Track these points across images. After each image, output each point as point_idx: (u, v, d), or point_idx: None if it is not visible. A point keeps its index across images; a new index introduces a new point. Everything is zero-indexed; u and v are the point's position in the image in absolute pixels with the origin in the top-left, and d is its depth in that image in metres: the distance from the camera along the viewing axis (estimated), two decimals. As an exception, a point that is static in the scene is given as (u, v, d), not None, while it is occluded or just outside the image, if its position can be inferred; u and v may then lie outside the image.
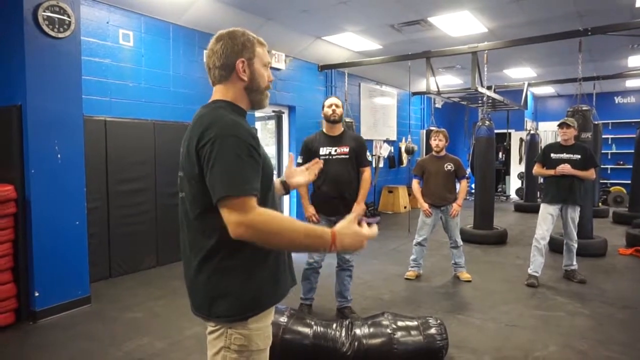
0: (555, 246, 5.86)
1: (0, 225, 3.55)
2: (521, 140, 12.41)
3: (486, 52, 6.89)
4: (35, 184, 3.69)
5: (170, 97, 5.66)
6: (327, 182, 3.58)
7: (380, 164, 10.26)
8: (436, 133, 4.97)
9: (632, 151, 8.80)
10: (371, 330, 2.91)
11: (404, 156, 11.03)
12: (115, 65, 5.07)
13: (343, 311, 3.79)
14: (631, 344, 3.33)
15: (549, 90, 13.19)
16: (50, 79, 3.76)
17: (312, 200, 3.67)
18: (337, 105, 3.65)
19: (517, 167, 12.80)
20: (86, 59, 4.55)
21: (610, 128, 12.76)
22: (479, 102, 9.20)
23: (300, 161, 3.68)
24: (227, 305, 1.39)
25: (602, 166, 11.60)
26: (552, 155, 4.77)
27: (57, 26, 3.74)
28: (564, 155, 4.69)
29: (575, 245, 4.82)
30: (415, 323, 2.97)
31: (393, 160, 10.85)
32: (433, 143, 4.96)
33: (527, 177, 10.47)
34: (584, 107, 6.13)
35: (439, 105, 13.08)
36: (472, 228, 7.06)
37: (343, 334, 2.89)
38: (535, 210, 5.13)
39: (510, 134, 11.95)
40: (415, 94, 11.43)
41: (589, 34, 5.85)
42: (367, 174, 3.72)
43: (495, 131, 7.39)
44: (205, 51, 1.55)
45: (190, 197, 1.40)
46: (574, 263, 4.89)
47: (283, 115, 7.92)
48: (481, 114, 8.01)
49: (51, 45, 3.74)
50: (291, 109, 7.89)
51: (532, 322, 3.76)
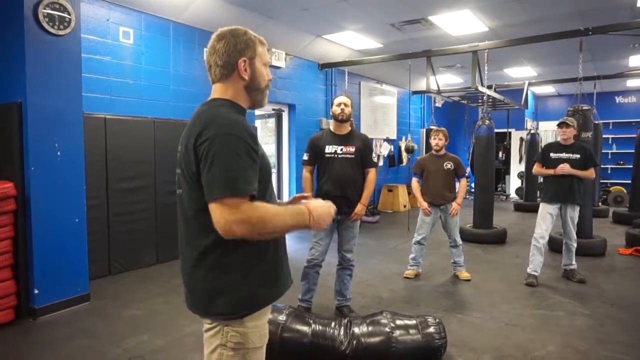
0: (554, 245, 5.87)
1: (0, 223, 3.55)
2: (521, 139, 12.41)
3: (487, 51, 6.89)
4: (35, 182, 3.69)
5: (170, 94, 5.66)
6: (330, 180, 3.58)
7: (380, 163, 10.27)
8: (436, 132, 4.97)
9: (633, 151, 8.79)
10: (370, 329, 2.91)
11: (404, 155, 11.04)
12: (116, 62, 5.07)
13: (342, 310, 3.79)
14: (631, 343, 3.33)
15: (549, 89, 13.18)
16: (51, 76, 3.76)
17: (315, 198, 3.64)
18: (345, 105, 3.64)
19: (517, 167, 12.81)
20: (86, 56, 4.55)
21: (610, 128, 12.76)
22: (479, 101, 9.21)
23: (306, 158, 3.68)
24: (224, 302, 1.39)
25: (602, 166, 11.61)
26: (551, 154, 4.77)
27: (57, 23, 3.74)
28: (564, 155, 4.69)
29: (575, 245, 4.83)
30: (413, 322, 2.97)
31: (393, 159, 10.85)
32: (433, 142, 4.96)
33: (527, 176, 10.47)
34: (585, 107, 6.12)
35: (439, 104, 13.08)
36: (471, 227, 7.06)
37: (342, 333, 2.90)
38: (535, 209, 5.13)
39: (510, 133, 11.95)
40: (415, 92, 11.42)
41: (590, 33, 5.85)
42: (372, 175, 3.70)
43: (496, 130, 7.39)
44: (205, 49, 1.54)
45: (188, 195, 1.40)
46: (574, 262, 4.89)
47: (283, 113, 7.92)
48: (481, 113, 8.01)
49: (51, 43, 3.74)
50: (291, 108, 7.89)
51: (532, 321, 3.76)
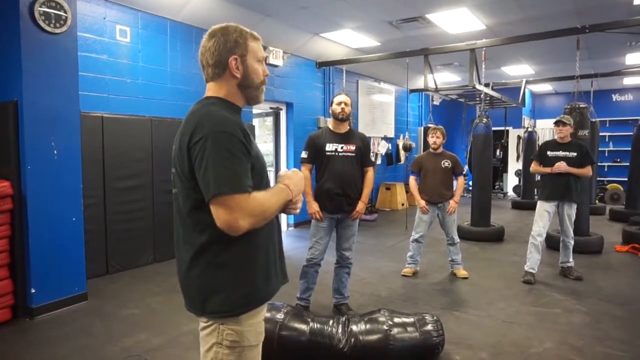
0: (551, 243, 5.89)
1: (-3, 222, 3.54)
2: (519, 137, 12.42)
3: (484, 49, 6.89)
4: (32, 180, 3.68)
5: (168, 93, 5.64)
6: (330, 178, 3.58)
7: (378, 161, 10.27)
8: (434, 130, 4.98)
9: (629, 149, 8.83)
10: (367, 326, 2.91)
11: (402, 153, 11.03)
12: (112, 61, 5.05)
13: (340, 308, 3.80)
14: (627, 340, 3.34)
15: (546, 87, 13.20)
16: (47, 75, 3.74)
17: (315, 197, 3.66)
18: (346, 104, 3.64)
19: (514, 165, 12.83)
20: (83, 54, 4.54)
21: (607, 126, 12.78)
22: (477, 99, 9.21)
23: (305, 156, 3.67)
24: (219, 301, 1.39)
25: (599, 164, 11.63)
26: (548, 152, 4.78)
27: (53, 21, 3.72)
28: (560, 153, 4.70)
29: (572, 242, 4.84)
30: (411, 319, 2.98)
31: (391, 158, 10.85)
32: (431, 140, 4.96)
33: (525, 174, 10.49)
34: (581, 105, 6.13)
35: (436, 103, 13.08)
36: (469, 225, 7.08)
37: (339, 331, 2.90)
38: (533, 207, 5.14)
39: (507, 131, 11.94)
40: (413, 91, 11.39)
41: (587, 31, 5.85)
42: (370, 173, 3.73)
43: (493, 128, 7.41)
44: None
45: (183, 194, 1.40)
46: (571, 260, 4.91)
47: (281, 111, 7.90)
48: (479, 111, 8.01)
49: (47, 41, 3.72)
50: (289, 106, 7.88)
51: (529, 318, 3.77)
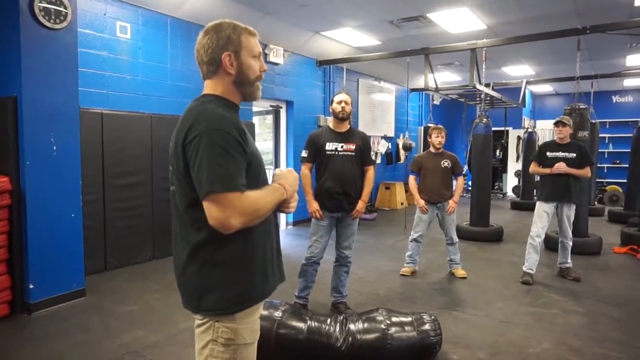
0: (550, 244, 5.89)
1: (-5, 217, 3.54)
2: (519, 138, 12.42)
3: (485, 49, 6.89)
4: (31, 176, 3.67)
5: (168, 90, 5.63)
6: (331, 178, 3.58)
7: (378, 161, 10.27)
8: (438, 130, 4.97)
9: (629, 150, 8.83)
10: (365, 325, 2.91)
11: (402, 153, 11.03)
12: (112, 57, 5.04)
13: (338, 306, 3.80)
14: (625, 341, 3.34)
15: (547, 88, 13.20)
16: (46, 71, 3.74)
17: (315, 195, 3.65)
18: (346, 103, 3.63)
19: (514, 165, 12.82)
20: (83, 50, 4.53)
21: (607, 127, 12.78)
22: (477, 99, 9.20)
23: (305, 155, 3.67)
24: (214, 298, 1.39)
25: (598, 165, 11.64)
26: (548, 153, 4.78)
27: (53, 17, 3.72)
28: (560, 154, 4.70)
29: (570, 243, 4.85)
30: (409, 319, 2.98)
31: (390, 157, 10.85)
32: (436, 140, 4.94)
33: (524, 175, 10.49)
34: (581, 106, 6.13)
35: (437, 102, 13.07)
36: (468, 225, 7.07)
37: (337, 329, 2.90)
38: (532, 208, 5.14)
39: (507, 131, 11.94)
40: (413, 90, 11.37)
41: (588, 32, 5.85)
42: (371, 172, 3.73)
43: (493, 129, 7.41)
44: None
45: (180, 191, 1.41)
46: (569, 261, 4.91)
47: (281, 110, 7.89)
48: (479, 111, 8.00)
49: (47, 37, 3.72)
50: (289, 104, 7.87)
51: (527, 319, 3.77)
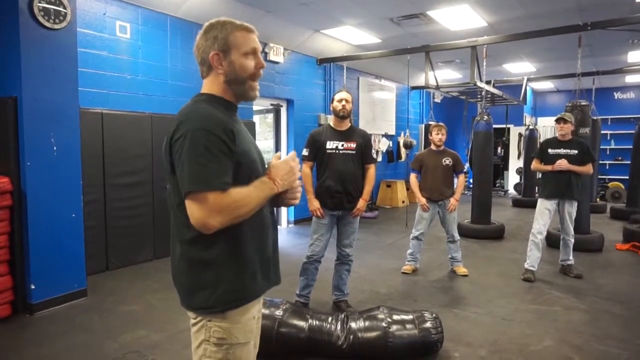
0: (552, 241, 5.88)
1: (-4, 218, 3.54)
2: (520, 135, 12.40)
3: (485, 46, 6.87)
4: (31, 177, 3.68)
5: (168, 89, 5.63)
6: (332, 176, 3.58)
7: (379, 159, 10.26)
8: (439, 127, 4.96)
9: (631, 147, 8.80)
10: (366, 323, 2.91)
11: (403, 151, 11.02)
12: (112, 57, 5.04)
13: (339, 305, 3.79)
14: (627, 338, 3.34)
15: (548, 85, 13.16)
16: (46, 71, 3.74)
17: (316, 194, 3.65)
18: (347, 101, 3.63)
19: (515, 162, 12.81)
20: (82, 50, 4.53)
21: (609, 124, 12.73)
22: (478, 96, 9.18)
23: (306, 154, 3.67)
24: (205, 296, 1.39)
25: (600, 162, 11.62)
26: (549, 150, 4.77)
27: (52, 17, 3.71)
28: (561, 151, 4.69)
29: (572, 240, 4.84)
30: (410, 317, 2.98)
31: (391, 155, 10.84)
32: (436, 137, 4.94)
33: (525, 172, 10.48)
34: (583, 103, 6.12)
35: (437, 100, 13.05)
36: (469, 223, 7.06)
37: (339, 328, 2.90)
38: (533, 205, 5.13)
39: (509, 129, 11.93)
40: (414, 88, 11.39)
41: (589, 28, 5.83)
42: (372, 170, 3.73)
43: (494, 126, 7.39)
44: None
45: (172, 189, 1.42)
46: (571, 258, 4.90)
47: (281, 108, 7.88)
48: (480, 108, 7.99)
49: (47, 37, 3.71)
50: (289, 103, 7.86)
51: (528, 316, 3.77)
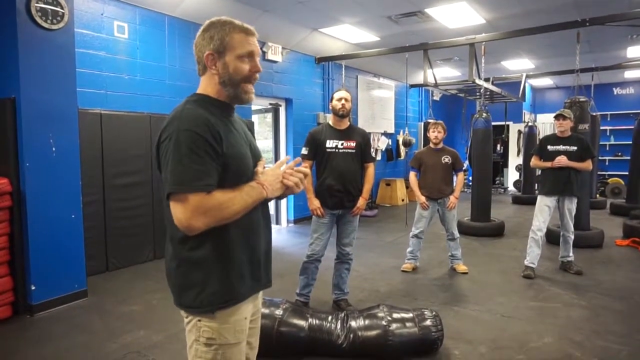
0: (552, 238, 5.88)
1: (-4, 219, 3.54)
2: (519, 132, 12.40)
3: (484, 43, 6.87)
4: (30, 177, 3.67)
5: (166, 89, 5.62)
6: (331, 175, 3.58)
7: (378, 157, 10.26)
8: (435, 125, 4.96)
9: (630, 143, 8.80)
10: (366, 322, 2.91)
11: (402, 149, 11.02)
12: (110, 57, 5.03)
13: (339, 304, 3.79)
14: (627, 334, 3.34)
15: (547, 82, 13.15)
16: (44, 71, 3.73)
17: (316, 193, 3.64)
18: (346, 100, 3.62)
19: (515, 160, 12.81)
20: (80, 51, 4.52)
21: (608, 119, 12.74)
22: (477, 94, 9.17)
23: (305, 152, 3.66)
24: (193, 296, 1.40)
25: (600, 158, 11.62)
26: (548, 147, 4.77)
27: (50, 17, 3.71)
28: (561, 147, 4.69)
29: (572, 237, 4.84)
30: (410, 315, 2.98)
31: (391, 153, 10.84)
32: (432, 135, 4.94)
33: (525, 169, 10.47)
34: (582, 99, 6.12)
35: (436, 98, 13.04)
36: (469, 220, 7.06)
37: (339, 326, 2.90)
38: (533, 202, 5.13)
39: (508, 126, 11.93)
40: (412, 86, 11.38)
41: (587, 24, 5.83)
42: (371, 169, 3.74)
43: (493, 123, 7.39)
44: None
45: (162, 189, 1.42)
46: (571, 254, 4.90)
47: (280, 108, 7.88)
48: (479, 106, 7.98)
49: (45, 37, 3.71)
50: (288, 102, 7.85)
51: (528, 313, 3.77)
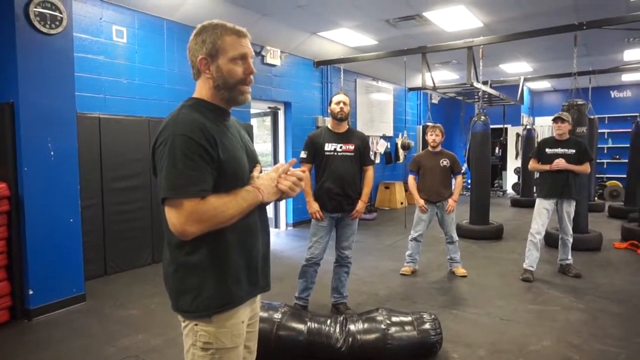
0: (550, 241, 5.88)
1: (-6, 224, 3.54)
2: (517, 135, 12.42)
3: (482, 46, 6.89)
4: (29, 182, 3.67)
5: (165, 93, 5.63)
6: (330, 178, 3.58)
7: (377, 160, 10.27)
8: (432, 128, 4.97)
9: (628, 145, 8.82)
10: (365, 326, 2.91)
11: (401, 152, 11.03)
12: (109, 61, 5.04)
13: (338, 307, 3.79)
14: (625, 337, 3.34)
15: (545, 85, 13.19)
16: (43, 76, 3.74)
17: (315, 196, 3.64)
18: (344, 103, 3.63)
19: (513, 162, 12.83)
20: (79, 55, 4.53)
21: (606, 122, 12.76)
22: (475, 97, 9.20)
23: (304, 156, 3.67)
24: (189, 300, 1.40)
25: (598, 160, 11.63)
26: (547, 150, 4.78)
27: (48, 22, 3.72)
28: (559, 150, 4.70)
29: (571, 240, 4.84)
30: (409, 318, 2.98)
31: (389, 156, 10.85)
32: (430, 138, 4.95)
33: (524, 172, 10.49)
34: (579, 102, 6.14)
35: (435, 101, 13.06)
36: (468, 223, 7.07)
37: (337, 330, 2.90)
38: (532, 205, 5.14)
39: (506, 129, 11.95)
40: (411, 89, 11.38)
41: (585, 28, 5.85)
42: (370, 172, 3.74)
43: (492, 126, 7.41)
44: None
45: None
46: (569, 257, 4.90)
47: (279, 111, 7.89)
48: (477, 109, 8.00)
49: (43, 42, 3.72)
50: (287, 105, 7.87)
51: (527, 316, 3.77)
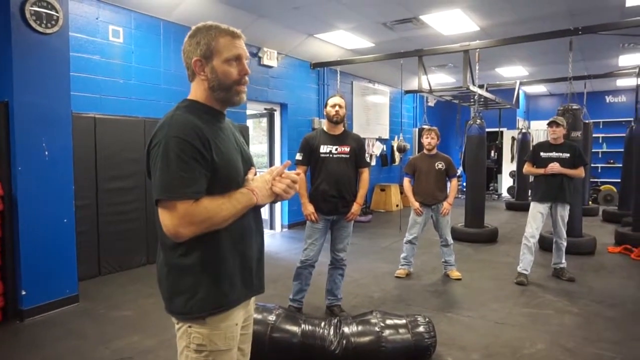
0: (544, 244, 5.91)
1: (-13, 223, 3.52)
2: (513, 138, 12.48)
3: (478, 50, 6.91)
4: (23, 182, 3.65)
5: (161, 94, 5.62)
6: (325, 180, 3.58)
7: (373, 163, 10.28)
8: (428, 131, 4.98)
9: (623, 150, 8.88)
10: (359, 328, 2.91)
11: (396, 154, 11.06)
12: (105, 61, 5.03)
13: (333, 309, 3.78)
14: (619, 341, 3.35)
15: (540, 89, 13.27)
16: (38, 75, 3.72)
17: (310, 198, 3.64)
18: (340, 106, 3.63)
19: (508, 166, 12.88)
20: (75, 55, 4.52)
21: (601, 127, 12.86)
22: (471, 100, 9.24)
23: (299, 158, 3.66)
24: (182, 302, 1.40)
25: (592, 165, 11.69)
26: (541, 154, 4.80)
27: (44, 21, 3.70)
28: (553, 154, 4.72)
29: (565, 244, 4.86)
30: (403, 321, 2.98)
31: (385, 159, 10.87)
32: (425, 141, 4.96)
33: (519, 175, 10.53)
34: (574, 106, 6.17)
35: (431, 104, 13.11)
36: (463, 226, 7.09)
37: (332, 333, 2.89)
38: (527, 208, 5.15)
39: (502, 132, 12.02)
40: (407, 92, 11.44)
41: (580, 33, 5.89)
42: (366, 174, 3.75)
43: (487, 130, 7.43)
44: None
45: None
46: (563, 261, 4.92)
47: (275, 113, 7.89)
48: (473, 112, 8.03)
49: (39, 41, 3.70)
50: (283, 107, 7.87)
51: (521, 319, 3.78)
